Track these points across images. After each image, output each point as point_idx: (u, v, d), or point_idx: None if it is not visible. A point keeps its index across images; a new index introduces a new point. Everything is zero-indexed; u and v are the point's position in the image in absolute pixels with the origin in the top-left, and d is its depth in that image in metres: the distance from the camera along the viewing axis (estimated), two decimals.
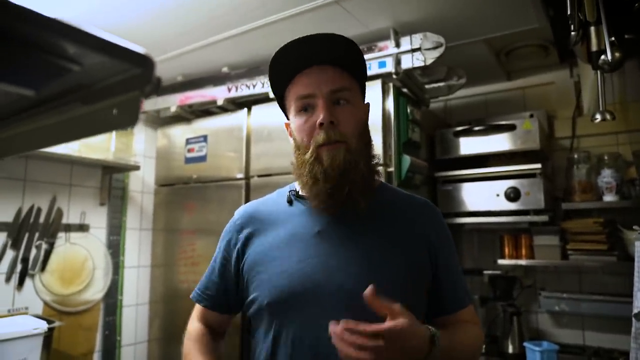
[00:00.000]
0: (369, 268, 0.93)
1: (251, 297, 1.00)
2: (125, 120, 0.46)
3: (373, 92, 1.95)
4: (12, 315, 2.09)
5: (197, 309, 1.12)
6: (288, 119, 1.08)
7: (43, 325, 1.77)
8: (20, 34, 0.36)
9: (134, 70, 0.41)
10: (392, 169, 1.89)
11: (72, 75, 0.44)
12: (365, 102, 1.08)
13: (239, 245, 1.05)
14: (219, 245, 1.11)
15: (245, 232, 1.05)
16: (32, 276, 2.22)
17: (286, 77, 1.02)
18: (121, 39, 0.39)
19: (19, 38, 0.36)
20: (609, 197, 2.10)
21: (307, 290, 0.92)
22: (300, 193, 1.07)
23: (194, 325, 1.11)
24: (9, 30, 0.35)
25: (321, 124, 0.95)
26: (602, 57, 1.46)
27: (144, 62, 0.41)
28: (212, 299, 1.08)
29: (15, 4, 0.33)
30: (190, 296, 1.12)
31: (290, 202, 1.06)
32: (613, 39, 1.48)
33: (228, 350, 2.08)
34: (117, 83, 0.44)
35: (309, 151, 0.96)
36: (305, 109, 0.99)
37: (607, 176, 2.11)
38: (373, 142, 1.06)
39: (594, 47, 1.50)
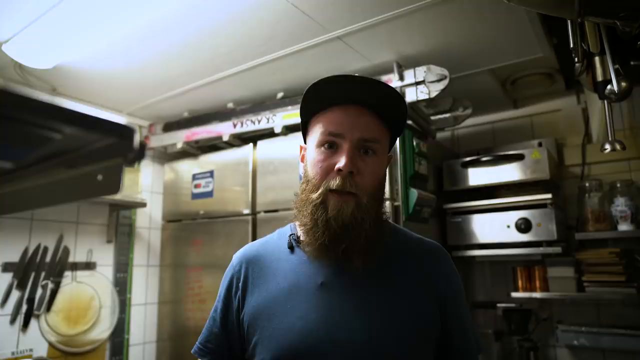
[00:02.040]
0: (375, 324, 0.89)
1: (251, 352, 0.94)
2: (109, 186, 0.45)
3: None
4: (16, 359, 2.06)
5: None
6: (305, 142, 1.03)
7: None
8: None
9: (114, 140, 0.40)
10: (399, 203, 1.86)
11: (55, 142, 0.43)
12: (389, 154, 1.02)
13: (239, 293, 0.99)
14: (219, 293, 1.04)
15: (244, 279, 0.99)
16: (38, 317, 2.20)
17: (320, 106, 0.97)
18: (99, 111, 0.39)
19: None
20: (624, 227, 2.04)
21: (310, 348, 0.87)
22: (301, 238, 1.00)
23: None
24: None
25: (339, 170, 0.89)
26: (609, 86, 1.44)
27: (123, 132, 0.40)
28: (214, 352, 1.00)
29: None
30: (192, 351, 1.04)
31: (291, 248, 1.00)
32: (618, 67, 1.46)
33: None
34: (100, 149, 0.43)
35: (318, 192, 0.91)
36: (330, 145, 0.93)
37: (620, 204, 2.05)
38: (385, 193, 1.02)
39: (600, 77, 1.47)
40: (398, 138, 1.07)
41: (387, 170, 1.85)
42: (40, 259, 2.24)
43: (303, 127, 1.03)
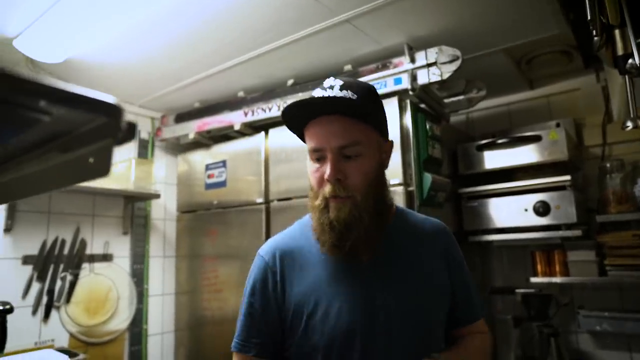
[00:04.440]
0: (405, 297, 1.01)
1: (300, 338, 1.01)
2: (99, 168, 0.44)
3: (389, 110, 1.90)
4: (39, 348, 2.10)
5: None
6: None
7: None
8: None
9: (102, 119, 0.39)
10: (412, 188, 1.83)
11: (45, 125, 0.42)
12: (389, 139, 1.10)
13: (278, 286, 1.04)
14: (251, 288, 1.07)
15: (281, 272, 1.05)
16: (58, 308, 2.24)
17: (301, 122, 1.05)
18: (86, 89, 0.37)
19: None
20: None
21: (358, 327, 0.97)
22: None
23: None
24: None
25: (328, 180, 0.99)
26: (630, 61, 1.38)
27: (110, 111, 0.38)
28: (259, 345, 1.03)
29: None
30: (233, 348, 1.06)
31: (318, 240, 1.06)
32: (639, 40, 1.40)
33: None
34: (90, 131, 0.42)
35: (319, 199, 1.02)
36: (318, 158, 1.02)
37: None
38: (387, 182, 1.10)
39: (620, 52, 1.41)
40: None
41: (400, 154, 1.83)
42: (59, 251, 2.28)
43: (302, 139, 1.10)
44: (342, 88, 1.00)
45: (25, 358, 1.62)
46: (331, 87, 1.01)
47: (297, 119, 1.04)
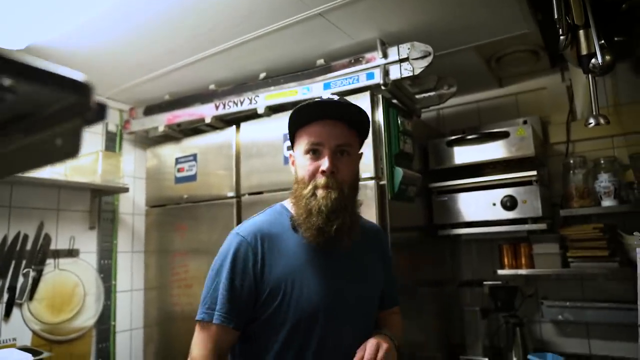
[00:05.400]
0: (362, 284, 1.24)
1: (271, 312, 1.13)
2: (68, 150, 0.42)
3: (362, 104, 1.88)
4: None
5: (213, 336, 1.12)
6: (293, 150, 1.27)
7: (28, 359, 1.71)
8: None
9: (71, 97, 0.37)
10: (384, 182, 1.85)
11: (8, 105, 0.40)
12: (360, 151, 1.29)
13: (258, 265, 1.14)
14: (229, 265, 1.14)
15: (262, 252, 1.15)
16: (20, 305, 2.16)
17: (304, 121, 1.20)
18: (56, 65, 0.36)
19: None
20: (607, 202, 2.06)
21: (327, 305, 1.14)
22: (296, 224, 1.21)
23: None
24: None
25: (323, 171, 1.15)
26: (593, 60, 1.43)
27: (79, 89, 0.37)
28: (238, 319, 1.12)
29: None
30: (216, 321, 1.11)
31: (294, 228, 1.20)
32: (602, 41, 1.46)
33: None
34: (57, 111, 0.40)
35: (308, 188, 1.16)
36: (314, 152, 1.17)
37: (604, 180, 2.07)
38: (359, 186, 1.27)
39: (584, 51, 1.47)
40: (369, 132, 1.31)
41: (372, 148, 1.85)
42: (21, 247, 2.19)
43: (291, 139, 1.26)
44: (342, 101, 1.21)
45: None
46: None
47: (303, 116, 1.20)
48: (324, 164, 1.15)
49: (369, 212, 1.80)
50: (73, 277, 2.37)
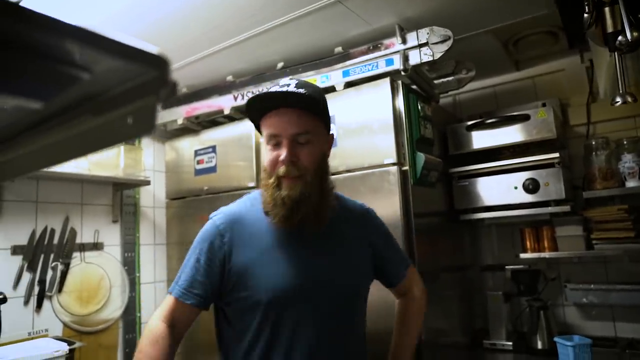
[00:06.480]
0: (334, 265, 1.22)
1: (244, 295, 1.15)
2: (141, 128, 0.43)
3: (382, 91, 1.91)
4: (33, 338, 2.07)
5: (170, 306, 1.20)
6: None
7: (64, 347, 1.75)
8: (23, 39, 0.33)
9: (148, 73, 0.38)
10: (406, 167, 1.85)
11: (80, 85, 0.41)
12: (331, 133, 1.29)
13: (225, 248, 1.18)
14: (199, 247, 1.21)
15: (230, 236, 1.19)
16: (50, 298, 2.20)
17: (260, 113, 1.20)
18: (132, 37, 0.36)
19: (22, 44, 0.33)
20: (631, 183, 2.04)
21: (296, 287, 1.15)
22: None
23: (157, 325, 1.17)
24: (11, 36, 0.32)
25: (283, 161, 1.15)
26: (620, 37, 1.41)
27: (158, 63, 0.37)
28: (198, 297, 1.17)
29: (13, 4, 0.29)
30: (174, 294, 1.19)
31: (267, 214, 1.22)
32: (630, 17, 1.44)
33: None
34: (130, 89, 0.41)
35: (272, 178, 1.17)
36: (274, 142, 1.18)
37: (628, 161, 2.04)
38: (329, 168, 1.27)
39: (610, 28, 1.45)
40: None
41: (393, 135, 1.84)
42: (48, 241, 2.24)
43: (257, 128, 1.26)
44: (297, 86, 1.17)
45: (25, 346, 1.60)
46: (287, 85, 1.18)
47: (257, 110, 1.19)
48: (282, 153, 1.15)
49: (392, 199, 1.80)
50: (99, 269, 2.42)
